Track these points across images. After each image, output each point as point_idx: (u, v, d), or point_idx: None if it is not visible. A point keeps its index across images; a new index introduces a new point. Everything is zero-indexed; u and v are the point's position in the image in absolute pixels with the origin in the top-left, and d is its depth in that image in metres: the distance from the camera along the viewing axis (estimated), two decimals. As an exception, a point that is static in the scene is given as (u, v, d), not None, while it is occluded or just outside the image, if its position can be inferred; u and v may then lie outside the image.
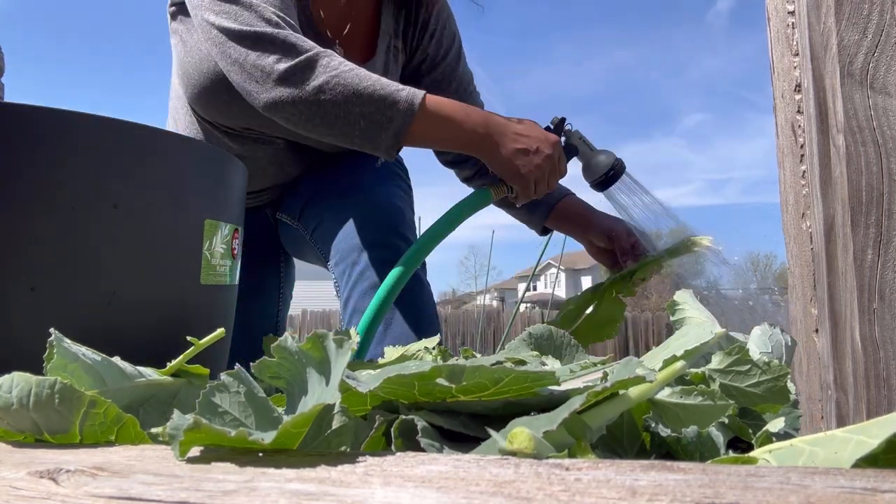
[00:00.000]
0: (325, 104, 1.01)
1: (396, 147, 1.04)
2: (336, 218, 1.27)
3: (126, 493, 0.31)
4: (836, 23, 0.69)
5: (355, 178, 1.32)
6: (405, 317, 1.19)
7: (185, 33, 1.21)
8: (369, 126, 1.02)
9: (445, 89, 1.37)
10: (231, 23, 1.03)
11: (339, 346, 0.42)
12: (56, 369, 0.46)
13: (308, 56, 1.01)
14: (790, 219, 0.94)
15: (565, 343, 0.82)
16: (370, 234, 1.23)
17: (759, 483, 0.28)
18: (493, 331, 7.99)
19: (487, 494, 0.28)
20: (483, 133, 1.08)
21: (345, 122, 1.02)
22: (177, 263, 0.73)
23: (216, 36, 1.05)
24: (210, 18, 1.05)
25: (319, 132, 1.04)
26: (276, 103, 1.02)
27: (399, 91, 1.03)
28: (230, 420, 0.40)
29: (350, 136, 1.04)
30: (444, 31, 1.38)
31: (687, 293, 0.72)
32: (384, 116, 1.02)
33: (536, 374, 0.42)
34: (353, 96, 1.01)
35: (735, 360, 0.54)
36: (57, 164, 0.64)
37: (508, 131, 1.10)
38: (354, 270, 1.21)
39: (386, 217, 1.25)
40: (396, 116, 1.02)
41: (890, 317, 0.66)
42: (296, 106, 1.01)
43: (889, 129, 0.66)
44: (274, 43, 1.01)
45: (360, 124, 1.02)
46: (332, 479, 0.31)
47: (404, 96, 1.02)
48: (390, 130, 1.02)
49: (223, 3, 1.04)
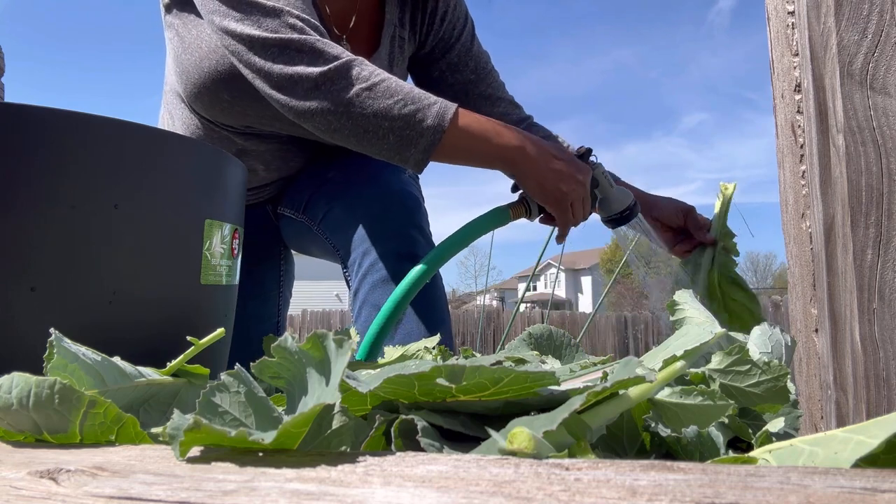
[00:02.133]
0: (355, 117, 0.98)
1: (425, 162, 1.02)
2: (346, 207, 1.24)
3: (126, 493, 0.32)
4: (835, 23, 0.69)
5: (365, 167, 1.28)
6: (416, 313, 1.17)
7: (182, 28, 1.17)
8: (398, 141, 1.00)
9: (462, 70, 1.35)
10: (254, 30, 0.99)
11: (339, 346, 0.42)
12: (56, 369, 0.47)
13: (338, 65, 0.98)
14: (790, 219, 0.95)
15: (565, 343, 0.82)
16: (385, 224, 1.20)
17: (758, 483, 0.28)
18: (493, 331, 7.99)
19: (487, 494, 0.28)
20: (519, 150, 1.04)
21: (374, 136, 1.00)
22: (177, 263, 0.73)
23: (236, 45, 1.01)
24: (230, 26, 1.01)
25: (349, 143, 1.02)
26: (306, 112, 0.99)
27: (430, 106, 1.00)
28: (230, 420, 0.40)
29: (379, 148, 1.02)
30: (454, 12, 1.35)
31: (687, 293, 0.72)
32: (414, 132, 0.99)
33: (536, 374, 0.42)
34: (384, 111, 0.98)
35: (735, 360, 0.54)
36: (57, 164, 0.64)
37: (545, 151, 1.06)
38: (365, 261, 1.19)
39: (402, 206, 1.22)
40: (426, 132, 0.99)
41: (889, 317, 0.66)
42: (325, 116, 0.99)
43: (889, 129, 0.67)
44: (301, 50, 0.98)
45: (390, 138, 1.00)
46: (332, 479, 0.31)
47: (435, 111, 0.99)
48: (420, 146, 1.00)
49: (242, 9, 1.00)
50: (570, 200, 1.08)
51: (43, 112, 0.64)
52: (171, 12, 1.19)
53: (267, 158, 1.31)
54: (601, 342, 8.29)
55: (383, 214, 1.21)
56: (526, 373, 0.42)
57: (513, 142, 1.04)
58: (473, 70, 1.35)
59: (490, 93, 1.39)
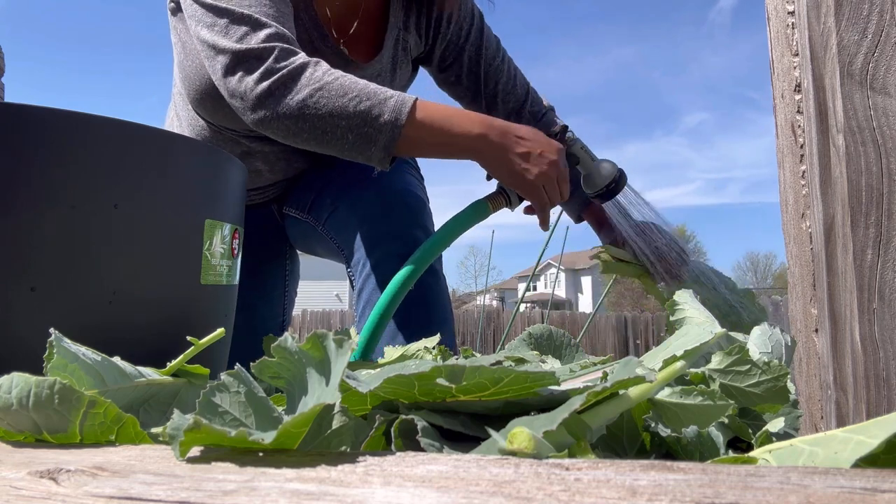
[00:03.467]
0: (311, 119, 0.97)
1: (388, 159, 1.01)
2: (349, 207, 1.24)
3: (126, 493, 0.31)
4: (835, 23, 0.69)
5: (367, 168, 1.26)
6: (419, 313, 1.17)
7: (184, 33, 1.18)
8: (358, 139, 0.99)
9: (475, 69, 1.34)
10: (220, 38, 1.00)
11: (339, 346, 0.42)
12: (56, 369, 0.47)
13: (291, 69, 0.97)
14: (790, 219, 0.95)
15: (565, 343, 0.82)
16: (387, 224, 1.19)
17: (758, 483, 0.28)
18: (493, 331, 7.99)
19: (487, 494, 0.28)
20: (481, 138, 1.02)
21: (333, 136, 0.99)
22: (177, 263, 0.73)
23: (205, 52, 1.03)
24: (200, 33, 1.02)
25: (311, 146, 1.02)
26: (263, 120, 0.99)
27: (386, 101, 0.98)
28: (230, 420, 0.40)
29: (341, 148, 1.01)
30: (461, 12, 1.33)
31: (687, 293, 0.72)
32: (372, 129, 0.98)
33: (536, 374, 0.42)
34: (338, 109, 0.97)
35: (735, 360, 0.54)
36: (57, 164, 0.64)
37: (510, 135, 1.03)
38: (369, 262, 1.18)
39: (404, 207, 1.21)
40: (384, 128, 0.98)
41: (889, 317, 0.66)
42: (282, 122, 0.98)
43: (889, 129, 0.67)
44: (260, 58, 0.98)
45: (349, 137, 0.99)
46: (332, 479, 0.31)
47: (391, 106, 0.98)
48: (380, 143, 0.98)
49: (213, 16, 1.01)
50: (541, 183, 1.04)
51: (43, 112, 0.64)
52: (177, 16, 1.20)
53: (272, 160, 1.31)
54: (601, 342, 8.29)
55: (385, 215, 1.20)
56: (526, 373, 0.42)
57: (474, 130, 1.01)
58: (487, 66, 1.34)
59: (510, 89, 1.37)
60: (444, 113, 1.02)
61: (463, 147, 1.02)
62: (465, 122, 1.02)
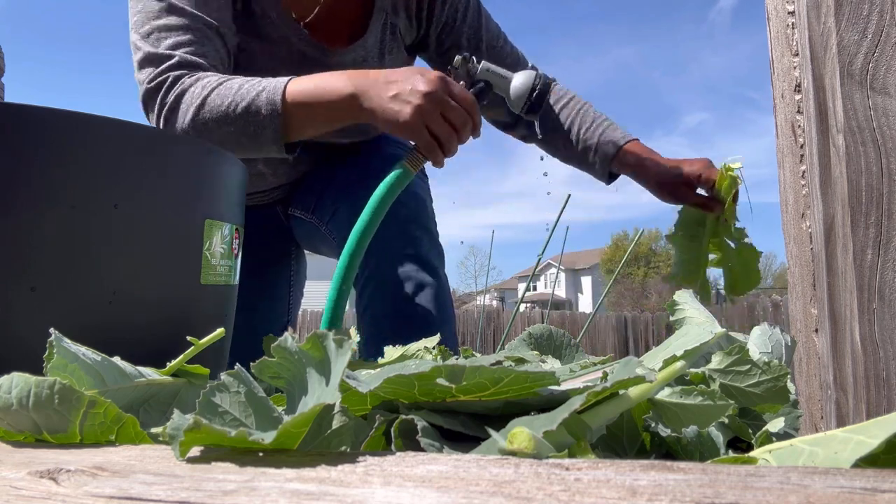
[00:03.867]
0: (207, 134, 1.00)
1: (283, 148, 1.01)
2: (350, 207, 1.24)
3: (126, 493, 0.31)
4: (835, 23, 0.69)
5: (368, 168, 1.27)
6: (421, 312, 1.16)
7: None
8: (251, 139, 1.00)
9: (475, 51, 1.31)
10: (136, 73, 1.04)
11: (339, 346, 0.42)
12: (56, 369, 0.47)
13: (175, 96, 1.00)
14: (790, 219, 0.95)
15: (565, 343, 0.82)
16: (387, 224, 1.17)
17: (758, 483, 0.28)
18: (493, 331, 7.99)
19: (487, 494, 0.28)
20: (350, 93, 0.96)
21: (231, 144, 1.00)
22: (177, 263, 0.73)
23: None
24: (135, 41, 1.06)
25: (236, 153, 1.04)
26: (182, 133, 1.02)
27: (259, 95, 0.98)
28: (230, 420, 0.40)
29: (244, 151, 1.02)
30: None
31: (687, 293, 0.72)
32: (257, 126, 0.99)
33: (536, 374, 0.42)
34: (222, 119, 0.99)
35: (735, 360, 0.54)
36: (57, 164, 0.64)
37: (379, 81, 0.96)
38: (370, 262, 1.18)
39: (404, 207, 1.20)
40: (266, 121, 0.98)
41: (889, 317, 0.66)
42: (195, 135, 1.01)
43: (889, 129, 0.66)
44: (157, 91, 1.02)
45: (243, 141, 1.00)
46: (332, 479, 0.31)
47: (265, 99, 0.98)
48: (268, 136, 0.99)
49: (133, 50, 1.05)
50: (420, 120, 0.94)
51: (43, 112, 0.64)
52: None
53: (275, 163, 1.31)
54: (601, 342, 8.29)
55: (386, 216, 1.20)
56: (526, 373, 0.42)
57: (346, 89, 0.97)
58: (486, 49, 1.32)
59: None
60: (314, 82, 0.99)
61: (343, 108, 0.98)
62: (335, 82, 0.98)
